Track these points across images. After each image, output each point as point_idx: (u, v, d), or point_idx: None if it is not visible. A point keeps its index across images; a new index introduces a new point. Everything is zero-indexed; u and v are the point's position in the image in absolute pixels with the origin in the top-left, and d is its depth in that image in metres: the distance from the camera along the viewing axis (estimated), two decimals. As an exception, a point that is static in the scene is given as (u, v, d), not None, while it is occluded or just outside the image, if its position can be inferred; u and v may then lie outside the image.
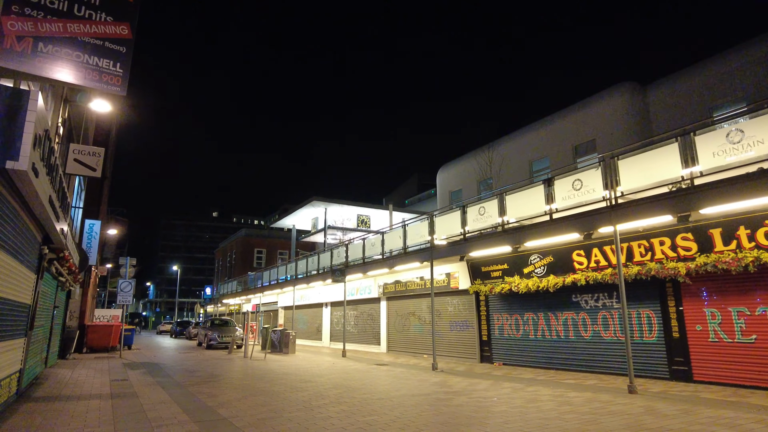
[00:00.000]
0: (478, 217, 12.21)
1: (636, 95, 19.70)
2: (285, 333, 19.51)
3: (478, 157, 20.29)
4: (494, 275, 13.31)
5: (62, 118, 9.23)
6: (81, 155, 9.12)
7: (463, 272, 14.53)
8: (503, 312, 13.43)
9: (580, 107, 20.94)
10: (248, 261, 48.94)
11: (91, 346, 19.40)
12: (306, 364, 14.67)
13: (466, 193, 25.74)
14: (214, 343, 22.08)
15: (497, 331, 13.61)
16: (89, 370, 12.72)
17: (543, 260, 11.95)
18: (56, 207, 6.82)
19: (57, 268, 10.24)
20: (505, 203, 11.47)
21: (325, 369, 12.95)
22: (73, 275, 12.70)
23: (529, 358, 12.53)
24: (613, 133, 19.50)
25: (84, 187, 18.45)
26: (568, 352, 11.54)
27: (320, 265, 21.42)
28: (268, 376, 11.37)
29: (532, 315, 12.55)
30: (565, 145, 21.34)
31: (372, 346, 19.29)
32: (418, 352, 16.57)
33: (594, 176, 9.53)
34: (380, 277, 18.75)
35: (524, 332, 12.76)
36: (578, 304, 11.43)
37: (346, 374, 11.70)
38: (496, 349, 13.57)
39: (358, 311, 20.66)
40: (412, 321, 17.12)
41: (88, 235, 17.60)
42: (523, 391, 8.53)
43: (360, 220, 33.31)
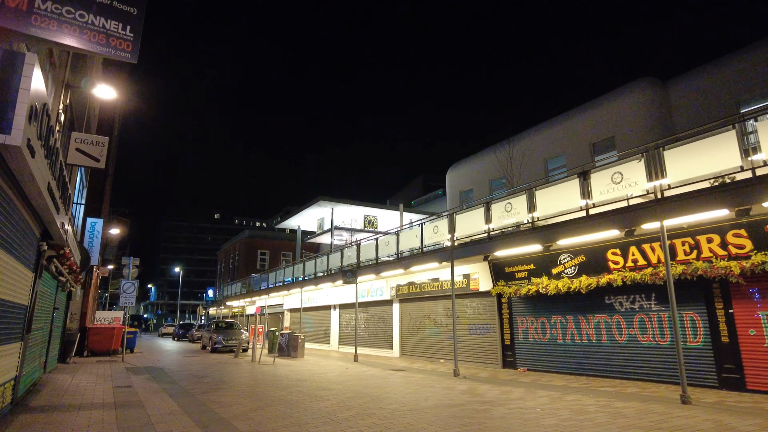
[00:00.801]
0: (504, 214, 11.51)
1: (657, 91, 19.01)
2: (293, 336, 18.80)
3: (497, 152, 19.58)
4: (519, 276, 12.60)
5: (63, 104, 8.57)
6: (83, 144, 8.46)
7: (483, 273, 13.82)
8: (528, 315, 12.71)
9: (597, 104, 20.26)
10: (252, 262, 48.22)
11: (93, 349, 18.70)
12: (318, 369, 13.96)
13: (477, 192, 25.06)
14: (219, 346, 21.37)
15: (521, 335, 12.89)
16: (90, 375, 12.02)
17: (574, 260, 11.24)
18: (56, 197, 6.14)
19: (57, 267, 9.56)
20: (534, 199, 10.77)
21: (340, 375, 12.24)
22: (74, 275, 12.01)
23: (557, 364, 11.80)
24: (633, 129, 18.81)
25: (86, 184, 17.79)
26: (601, 358, 10.82)
27: (329, 266, 20.72)
28: (281, 382, 10.66)
29: (560, 318, 11.83)
30: (582, 142, 20.63)
31: (384, 350, 18.56)
32: (434, 357, 15.84)
33: (636, 168, 8.83)
34: (393, 278, 18.04)
35: (551, 336, 12.04)
36: (612, 306, 10.71)
37: (364, 381, 10.98)
38: (520, 354, 12.85)
39: (368, 314, 19.95)
40: (427, 324, 16.40)
41: (89, 234, 16.92)
42: (563, 401, 7.81)
43: (367, 220, 32.65)
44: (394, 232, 16.00)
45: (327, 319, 23.78)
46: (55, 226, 7.04)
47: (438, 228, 13.61)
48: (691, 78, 18.01)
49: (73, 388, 9.71)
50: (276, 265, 45.95)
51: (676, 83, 18.68)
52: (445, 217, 13.48)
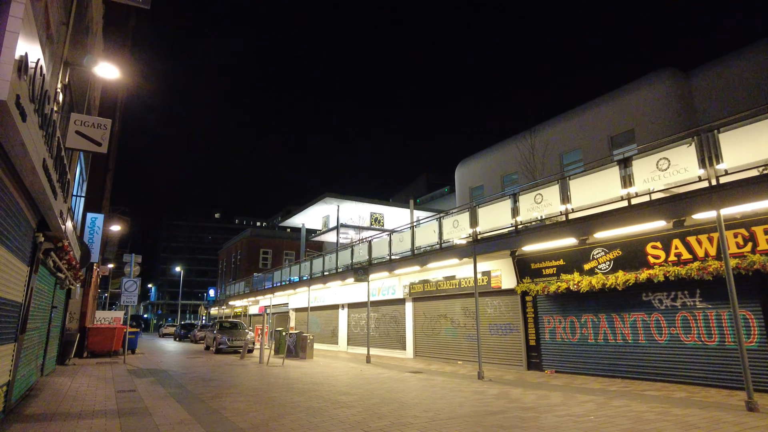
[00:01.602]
0: (533, 206, 10.78)
1: (678, 82, 18.30)
2: (302, 336, 18.07)
3: (518, 143, 18.83)
4: (547, 273, 11.88)
5: (62, 83, 7.84)
6: (84, 127, 7.72)
7: (506, 270, 13.10)
8: (555, 314, 11.98)
9: (615, 96, 19.55)
10: (254, 262, 47.47)
11: (93, 350, 17.96)
12: (330, 371, 13.23)
13: (488, 188, 24.36)
14: (223, 347, 20.62)
15: (548, 335, 12.16)
16: (91, 378, 11.28)
17: (608, 254, 10.51)
18: (53, 179, 5.41)
19: (55, 262, 8.82)
20: (568, 189, 10.04)
21: (356, 377, 11.51)
22: (74, 271, 11.28)
23: (588, 365, 11.08)
24: (655, 122, 18.10)
25: (86, 178, 17.05)
26: (638, 359, 10.09)
27: (338, 264, 19.97)
28: (295, 386, 9.92)
29: (592, 317, 11.11)
30: (599, 136, 19.92)
31: (396, 351, 17.83)
32: (450, 359, 15.11)
33: (686, 153, 8.11)
34: (406, 276, 17.31)
35: (582, 336, 11.31)
36: (650, 303, 9.98)
37: (384, 384, 10.25)
38: (547, 355, 12.12)
39: (379, 313, 19.21)
40: (443, 324, 15.67)
41: (90, 230, 16.19)
42: (612, 407, 7.08)
43: (373, 218, 31.90)
44: (409, 227, 15.27)
45: (335, 319, 23.04)
46: (52, 214, 6.31)
47: (458, 222, 12.88)
48: (716, 67, 17.33)
49: (72, 392, 8.97)
50: (278, 265, 45.20)
51: (698, 74, 18.00)
52: (466, 211, 12.75)
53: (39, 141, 4.40)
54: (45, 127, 4.51)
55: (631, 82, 19.43)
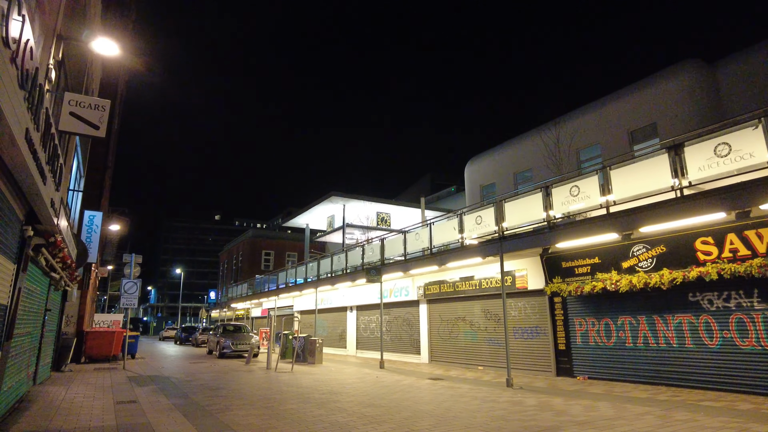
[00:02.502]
0: (569, 199, 9.95)
1: (703, 73, 17.49)
2: (310, 340, 17.21)
3: (542, 135, 18.02)
4: (580, 272, 11.04)
5: (55, 59, 7.00)
6: (80, 108, 6.89)
7: (533, 269, 12.26)
8: (588, 316, 11.14)
9: (636, 89, 18.74)
10: (256, 263, 46.62)
11: (91, 355, 17.09)
12: (344, 377, 12.37)
13: (500, 186, 23.55)
14: (227, 351, 19.75)
15: (579, 338, 11.31)
16: (88, 387, 10.41)
17: (651, 251, 9.68)
18: (39, 158, 4.57)
19: (47, 260, 7.98)
20: (609, 180, 9.21)
21: (374, 385, 10.65)
22: (69, 271, 10.43)
23: (626, 372, 10.23)
24: (678, 114, 17.29)
25: (83, 173, 16.20)
26: (685, 365, 9.24)
27: (348, 264, 19.12)
28: (311, 396, 9.06)
29: (630, 318, 10.26)
30: (618, 130, 19.11)
31: (410, 356, 16.96)
32: (470, 364, 14.25)
33: (750, 137, 7.29)
34: (420, 277, 16.47)
35: (618, 340, 10.47)
36: (698, 304, 9.14)
37: (408, 393, 9.40)
38: (578, 360, 11.27)
39: (391, 316, 18.35)
40: (462, 327, 14.81)
41: (87, 228, 15.33)
42: (676, 422, 6.24)
43: (380, 218, 31.06)
44: (426, 225, 14.42)
45: (343, 322, 22.18)
46: (41, 202, 5.47)
47: (482, 218, 12.04)
48: (744, 57, 16.53)
49: (66, 404, 8.11)
50: (281, 266, 44.34)
51: (724, 65, 17.20)
52: (490, 206, 11.91)
53: (20, 105, 3.57)
54: (26, 86, 3.68)
55: (652, 75, 18.65)
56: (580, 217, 9.93)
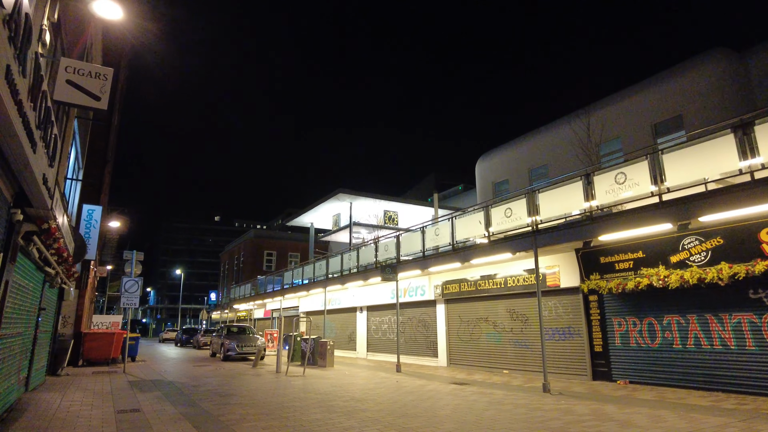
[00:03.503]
0: (613, 188, 9.09)
1: (732, 62, 16.68)
2: (320, 342, 16.32)
3: (572, 123, 17.19)
4: (621, 267, 10.18)
5: (49, 20, 6.14)
6: (78, 76, 6.04)
7: (566, 266, 11.41)
8: (628, 315, 10.28)
9: (660, 80, 17.93)
10: (258, 264, 45.72)
11: (89, 357, 16.18)
12: (363, 382, 11.50)
13: (514, 183, 22.73)
14: (232, 354, 18.84)
15: (618, 339, 10.45)
16: (86, 393, 9.51)
17: (705, 243, 8.83)
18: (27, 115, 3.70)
19: (41, 251, 7.10)
20: (662, 165, 8.36)
21: (397, 391, 9.77)
22: (66, 267, 9.55)
23: (673, 376, 9.36)
24: (706, 106, 16.47)
25: (82, 166, 15.32)
26: (746, 369, 8.38)
27: (360, 263, 18.25)
28: (334, 404, 8.19)
29: (678, 318, 9.40)
30: (641, 123, 18.29)
31: (426, 359, 16.08)
32: (494, 367, 13.37)
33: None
34: (437, 275, 15.60)
35: (664, 341, 9.61)
36: (761, 302, 8.28)
37: (439, 401, 8.53)
38: (618, 363, 10.41)
39: (405, 317, 17.46)
40: (484, 329, 13.93)
41: (86, 224, 14.44)
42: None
43: (387, 216, 30.22)
44: (448, 219, 13.55)
45: (352, 323, 21.28)
46: (31, 177, 4.60)
47: (512, 210, 11.18)
48: (775, 46, 15.78)
49: (62, 413, 7.22)
50: (283, 267, 43.40)
51: (755, 53, 16.38)
52: (521, 197, 11.05)
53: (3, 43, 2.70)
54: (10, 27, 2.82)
55: (678, 65, 17.86)
56: (627, 207, 9.07)
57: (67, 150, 9.98)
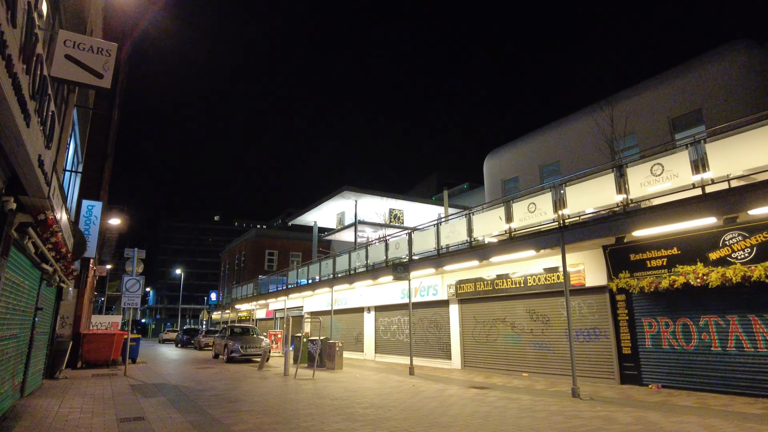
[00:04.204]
0: (649, 179, 8.53)
1: (754, 54, 16.13)
2: (329, 343, 15.75)
3: (594, 114, 16.67)
4: (653, 265, 9.61)
5: (46, -10, 5.55)
6: (78, 51, 5.46)
7: (592, 263, 10.85)
8: (660, 315, 9.72)
9: (678, 73, 17.38)
10: (259, 263, 45.11)
11: (88, 359, 15.58)
12: (377, 386, 10.92)
13: (524, 181, 22.18)
14: (236, 355, 18.25)
15: (649, 341, 9.89)
16: (85, 398, 8.92)
17: (749, 239, 8.27)
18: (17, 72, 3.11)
19: (37, 246, 6.51)
20: (704, 154, 7.80)
21: (416, 396, 9.19)
22: (65, 264, 8.96)
23: (712, 380, 8.80)
24: (728, 99, 15.92)
25: (81, 159, 14.73)
26: (793, 374, 7.83)
27: (368, 261, 17.66)
28: (354, 411, 7.61)
29: (716, 318, 8.84)
30: (658, 118, 17.75)
31: (439, 361, 15.51)
32: (512, 371, 12.80)
33: None
34: (450, 274, 15.02)
35: (700, 343, 9.05)
36: (810, 302, 7.73)
37: (466, 408, 7.96)
38: (648, 365, 9.84)
39: (416, 317, 16.88)
40: (501, 330, 13.36)
41: (86, 220, 13.84)
42: None
43: (392, 214, 29.65)
44: (464, 215, 12.99)
45: (359, 324, 20.69)
46: (24, 156, 4.02)
47: (535, 205, 10.61)
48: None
49: (60, 423, 6.63)
50: (285, 266, 42.79)
51: (778, 44, 15.88)
52: (546, 191, 10.48)
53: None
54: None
55: (697, 57, 17.32)
56: (661, 201, 8.51)
57: (66, 139, 9.38)
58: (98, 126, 16.71)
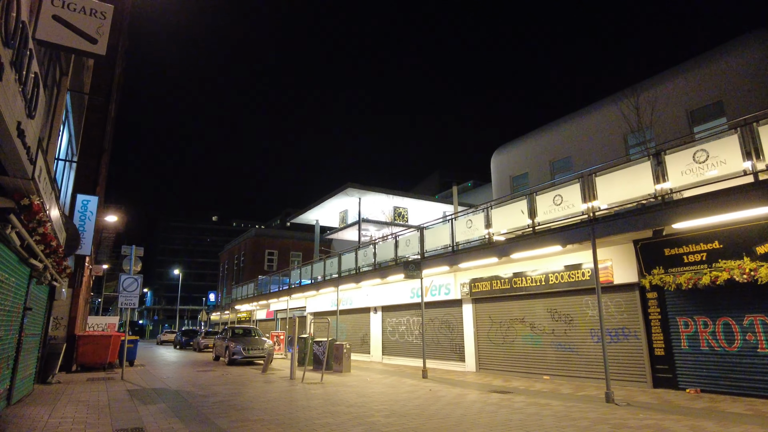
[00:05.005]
0: (691, 167, 7.88)
1: (778, 43, 15.52)
2: (336, 345, 15.05)
3: (618, 103, 16.03)
4: (691, 260, 8.95)
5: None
6: (68, 12, 4.77)
7: (621, 259, 10.18)
8: (697, 314, 9.06)
9: (696, 64, 16.76)
10: (259, 263, 44.37)
11: (83, 362, 14.85)
12: (391, 390, 10.23)
13: (533, 177, 21.54)
14: (238, 357, 17.53)
15: (685, 342, 9.22)
16: (79, 406, 8.20)
17: (803, 231, 7.63)
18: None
19: (22, 237, 5.79)
20: (757, 138, 7.15)
21: (438, 402, 8.51)
22: (56, 259, 8.24)
23: (758, 384, 8.14)
24: (752, 90, 15.31)
25: (76, 152, 13.99)
26: None
27: (376, 260, 16.98)
28: (375, 420, 6.91)
29: (763, 318, 8.18)
30: (675, 112, 17.11)
31: (451, 363, 14.82)
32: (532, 373, 12.13)
33: None
34: (463, 273, 14.35)
35: (745, 344, 8.39)
36: None
37: (496, 415, 7.27)
38: (685, 368, 9.18)
39: (426, 317, 16.16)
40: (520, 331, 12.69)
41: (81, 215, 13.11)
42: None
43: (397, 212, 29.00)
44: (482, 209, 12.31)
45: (365, 325, 19.99)
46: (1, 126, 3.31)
47: (561, 197, 9.95)
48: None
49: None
50: (285, 266, 42.06)
51: (803, 33, 15.27)
52: (574, 182, 9.81)
53: None
54: None
55: (717, 47, 16.70)
56: (706, 189, 7.86)
57: (58, 125, 8.68)
58: (95, 120, 15.99)
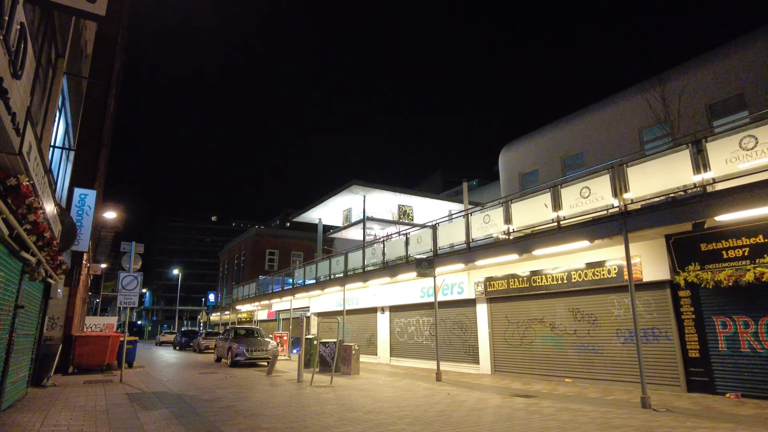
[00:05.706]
0: (737, 154, 7.31)
1: (802, 33, 15.00)
2: (344, 346, 14.44)
3: (644, 93, 15.44)
4: (731, 255, 8.38)
5: None
6: (61, -33, 4.19)
7: (650, 256, 9.61)
8: (736, 313, 8.48)
9: (714, 57, 16.22)
10: (260, 263, 43.73)
11: (80, 364, 14.23)
12: (406, 395, 9.63)
13: (544, 173, 20.99)
14: (241, 359, 16.92)
15: (723, 343, 8.65)
16: (74, 412, 7.59)
17: None
18: None
19: (11, 225, 5.18)
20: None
21: (461, 408, 7.92)
22: (51, 254, 7.64)
23: (807, 390, 7.57)
24: (774, 82, 14.76)
25: (74, 145, 13.37)
26: None
27: (385, 258, 16.38)
28: (400, 430, 6.32)
29: (812, 318, 7.61)
30: (693, 106, 16.54)
31: (465, 365, 14.23)
32: (552, 376, 11.54)
33: None
34: (477, 271, 13.77)
35: (791, 347, 7.81)
36: None
37: (530, 424, 6.69)
38: (723, 371, 8.60)
39: (438, 318, 15.58)
40: (539, 331, 12.11)
41: (78, 209, 12.50)
42: None
43: (402, 211, 28.40)
44: (501, 203, 11.73)
45: (372, 325, 19.39)
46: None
47: (589, 190, 9.37)
48: None
49: (39, 447, 5.31)
50: (286, 266, 41.44)
51: (828, 22, 14.73)
52: (603, 173, 9.22)
53: None
54: None
55: (736, 38, 16.17)
56: (757, 177, 7.27)
57: (54, 110, 8.08)
58: (93, 108, 15.41)
